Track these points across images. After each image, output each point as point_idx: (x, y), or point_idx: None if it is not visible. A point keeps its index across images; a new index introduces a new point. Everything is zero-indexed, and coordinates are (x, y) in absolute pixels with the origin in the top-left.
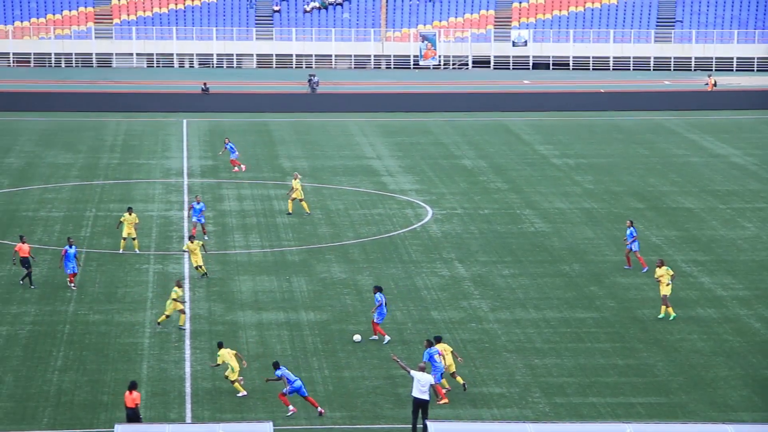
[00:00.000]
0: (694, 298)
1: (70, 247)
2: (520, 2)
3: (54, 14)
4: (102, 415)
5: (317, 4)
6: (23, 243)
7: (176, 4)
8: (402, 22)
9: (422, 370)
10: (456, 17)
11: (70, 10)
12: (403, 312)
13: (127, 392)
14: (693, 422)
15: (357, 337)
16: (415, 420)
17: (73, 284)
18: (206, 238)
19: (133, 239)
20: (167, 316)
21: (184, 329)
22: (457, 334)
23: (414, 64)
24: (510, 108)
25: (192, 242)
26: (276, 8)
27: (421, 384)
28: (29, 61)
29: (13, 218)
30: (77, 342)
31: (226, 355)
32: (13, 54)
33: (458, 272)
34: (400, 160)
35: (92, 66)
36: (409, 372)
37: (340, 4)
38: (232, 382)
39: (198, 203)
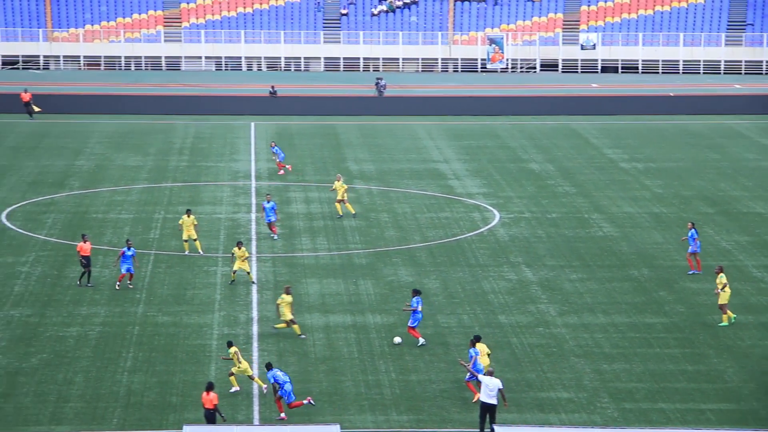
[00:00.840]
0: (766, 303)
1: (128, 249)
2: (589, 5)
3: (124, 18)
4: (171, 416)
5: (385, 8)
6: (85, 242)
7: (244, 8)
8: (469, 26)
9: (491, 374)
10: (524, 20)
11: (139, 14)
12: (470, 316)
13: (205, 393)
14: (764, 430)
15: (397, 339)
16: (483, 424)
17: (129, 283)
18: (275, 237)
19: (195, 240)
20: (292, 321)
21: (304, 337)
22: (525, 338)
23: (481, 68)
24: (578, 111)
25: (240, 248)
26: (344, 11)
27: (489, 388)
28: (99, 64)
29: (83, 220)
30: (146, 343)
31: (234, 353)
32: (84, 57)
33: (526, 276)
34: (467, 164)
35: (161, 69)
36: (476, 377)
37: (408, 7)
38: (230, 374)
39: (268, 202)
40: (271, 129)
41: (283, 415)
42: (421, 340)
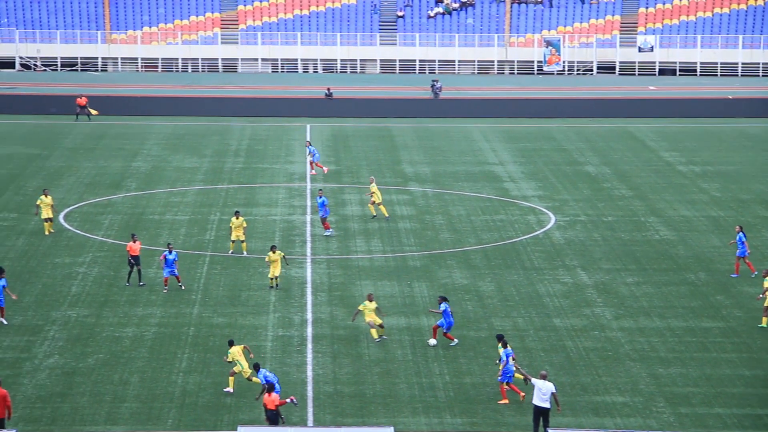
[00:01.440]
0: None
1: (170, 252)
2: (647, 7)
3: (181, 20)
4: (225, 417)
5: (441, 10)
6: (134, 242)
7: (301, 10)
8: (526, 28)
9: (544, 377)
10: (581, 22)
11: (197, 16)
12: (525, 319)
13: (266, 394)
14: None
15: (432, 342)
16: (537, 428)
17: (179, 284)
18: (328, 233)
19: (242, 242)
20: (381, 326)
21: (384, 338)
22: (580, 341)
23: (538, 70)
24: (635, 114)
25: (274, 252)
26: (400, 13)
27: (542, 392)
28: (157, 66)
29: (139, 221)
30: (201, 344)
31: (236, 353)
32: (142, 59)
33: (581, 279)
34: (523, 166)
35: (218, 71)
36: (529, 380)
37: (465, 9)
38: (231, 374)
39: (320, 197)
40: (327, 131)
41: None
42: (455, 341)
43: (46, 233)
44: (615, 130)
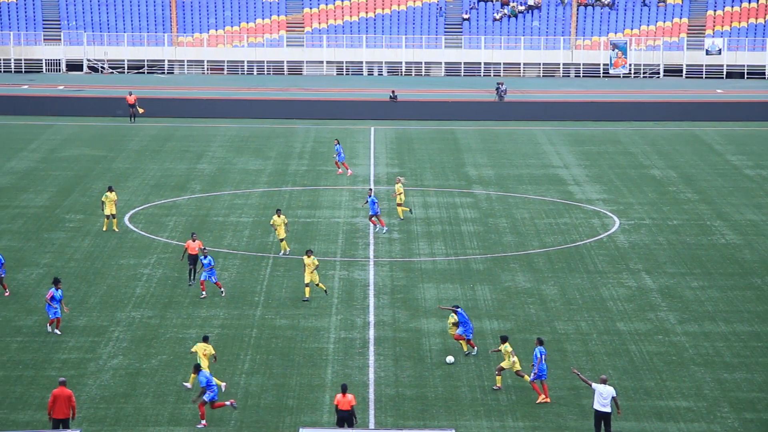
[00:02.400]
0: None
1: (204, 257)
2: (715, 10)
3: (247, 23)
4: (287, 419)
5: (507, 12)
6: (193, 240)
7: (366, 13)
8: (592, 30)
9: (604, 382)
10: (648, 25)
11: (263, 19)
12: (588, 323)
13: (340, 395)
14: None
15: (450, 359)
16: None
17: (221, 290)
18: (381, 229)
19: (281, 240)
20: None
21: (473, 352)
22: (644, 345)
23: (604, 73)
24: (702, 117)
25: (309, 257)
26: (465, 16)
27: (603, 396)
28: (222, 69)
29: (204, 223)
30: (264, 346)
31: (200, 349)
32: (208, 62)
33: (645, 283)
34: (588, 169)
35: (283, 73)
36: (590, 385)
37: (531, 12)
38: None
39: (369, 197)
40: (391, 134)
41: (204, 422)
42: (475, 349)
43: (105, 229)
44: (681, 134)
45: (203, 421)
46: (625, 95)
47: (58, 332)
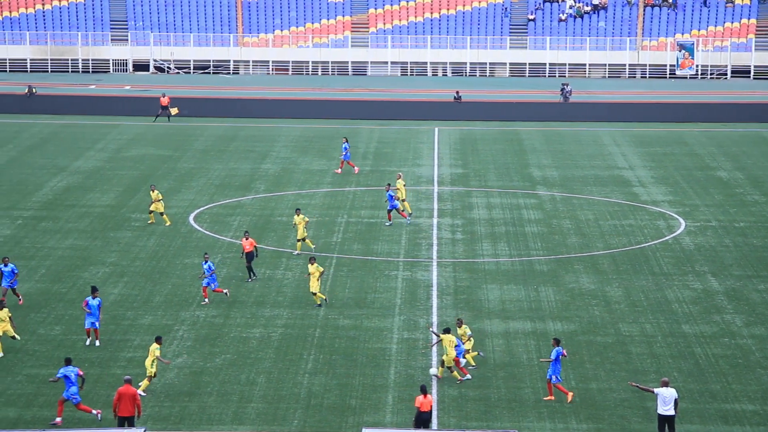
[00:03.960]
0: None
1: (205, 262)
2: None
3: (312, 23)
4: (350, 419)
5: (573, 13)
6: (246, 239)
7: (431, 13)
8: (659, 31)
9: (666, 384)
10: (716, 26)
11: (328, 19)
12: (653, 325)
13: (422, 396)
14: None
15: (433, 370)
16: None
17: (225, 293)
18: (390, 222)
19: (299, 240)
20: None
21: (482, 357)
22: (709, 348)
23: (670, 74)
24: None
25: (312, 264)
26: (531, 17)
27: (666, 400)
28: (287, 69)
29: (268, 222)
30: (327, 346)
31: (152, 350)
32: (273, 62)
33: (711, 286)
34: (653, 171)
35: (348, 74)
36: (652, 391)
37: (597, 13)
38: (148, 376)
39: (387, 191)
40: (455, 134)
41: (59, 419)
42: (467, 376)
43: (151, 222)
44: (748, 135)
45: (58, 418)
46: (692, 96)
47: (97, 343)
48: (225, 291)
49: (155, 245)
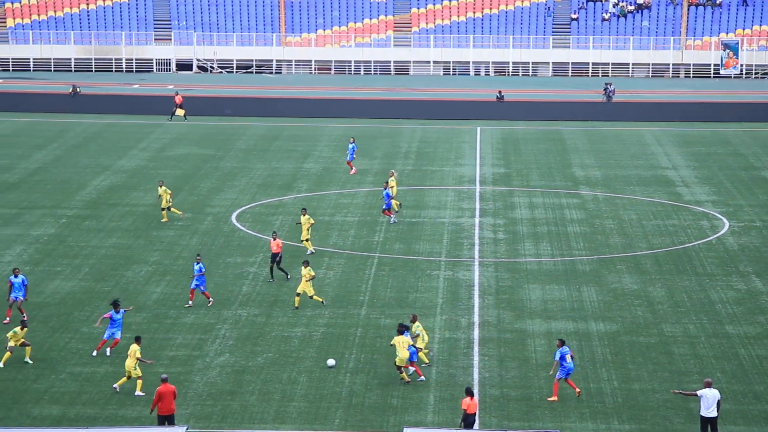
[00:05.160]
0: None
1: (197, 263)
2: None
3: (355, 23)
4: (391, 418)
5: (616, 12)
6: (274, 239)
7: (474, 12)
8: (703, 30)
9: (709, 385)
10: (761, 25)
11: (370, 19)
12: (696, 326)
13: (469, 398)
14: None
15: (331, 362)
16: None
17: (209, 300)
18: (392, 220)
19: (306, 240)
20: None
21: (431, 356)
22: (753, 349)
23: (714, 73)
24: None
25: (305, 268)
26: (574, 16)
27: (708, 401)
28: (330, 69)
29: None
30: (369, 345)
31: (132, 349)
32: (315, 61)
33: (755, 286)
34: (697, 171)
35: (390, 73)
36: (695, 394)
37: (640, 12)
38: (137, 377)
39: (384, 189)
40: (497, 134)
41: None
42: (422, 378)
43: (164, 220)
44: None
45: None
46: (736, 96)
47: (107, 353)
48: (210, 300)
49: (198, 244)
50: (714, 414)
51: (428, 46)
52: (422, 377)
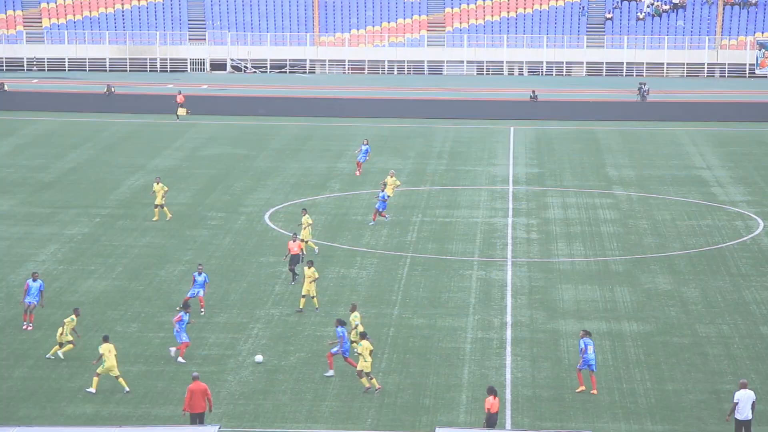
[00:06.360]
0: None
1: (199, 274)
2: None
3: (389, 22)
4: (423, 418)
5: (651, 11)
6: (293, 241)
7: (507, 12)
8: (738, 30)
9: (744, 386)
10: None
11: (404, 19)
12: (730, 326)
13: (492, 398)
14: None
15: (258, 358)
16: None
17: (201, 309)
18: (376, 222)
19: (307, 241)
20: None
21: (357, 354)
22: None
23: (749, 73)
24: None
25: (309, 268)
26: (608, 15)
27: (743, 403)
28: (363, 69)
29: (342, 222)
30: (401, 345)
31: (105, 350)
32: (349, 61)
33: None
34: (731, 171)
35: (423, 73)
36: (735, 403)
37: (675, 12)
38: (116, 377)
39: (382, 191)
40: (530, 134)
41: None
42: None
43: (155, 219)
44: None
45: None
46: None
47: (182, 360)
48: (202, 310)
49: (231, 243)
50: (748, 416)
51: (462, 46)
52: (332, 371)
